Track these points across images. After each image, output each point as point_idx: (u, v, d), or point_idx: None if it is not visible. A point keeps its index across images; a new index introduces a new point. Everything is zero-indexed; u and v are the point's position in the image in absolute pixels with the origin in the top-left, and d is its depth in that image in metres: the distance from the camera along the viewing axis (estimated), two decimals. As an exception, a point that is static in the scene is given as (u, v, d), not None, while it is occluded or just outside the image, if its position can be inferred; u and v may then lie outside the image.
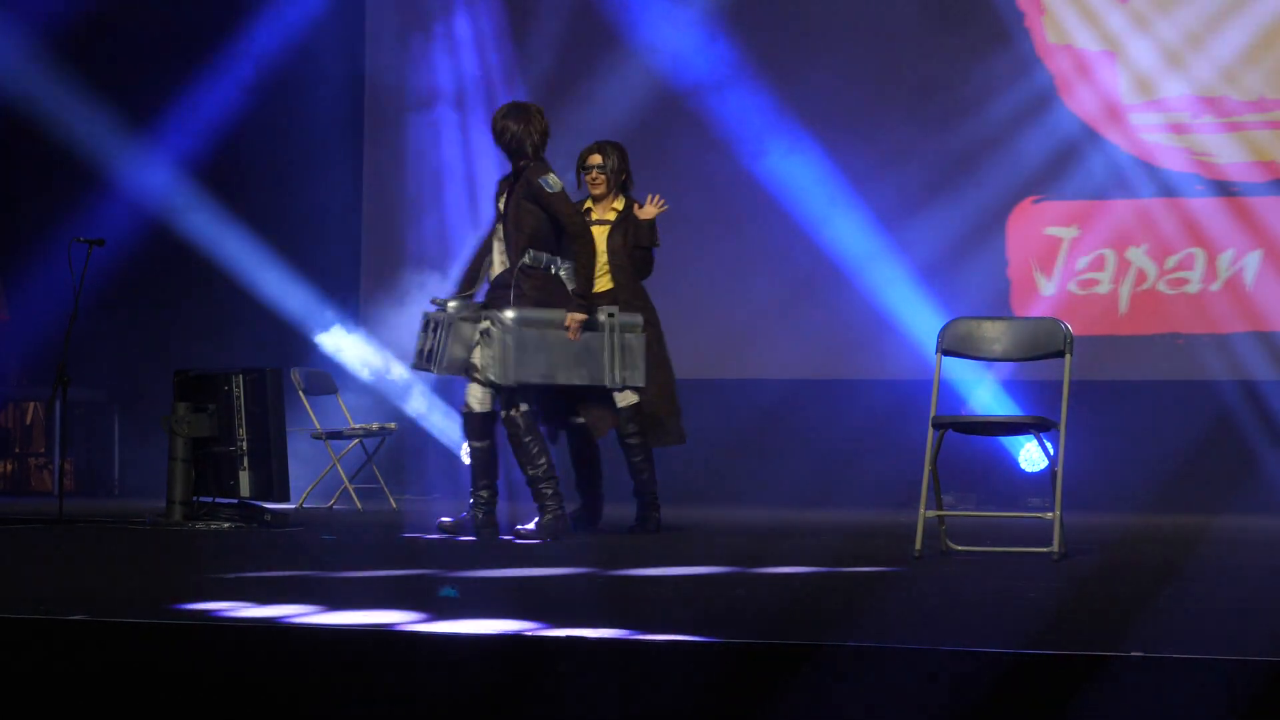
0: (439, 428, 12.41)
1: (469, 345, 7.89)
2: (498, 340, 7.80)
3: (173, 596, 5.04)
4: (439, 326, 7.90)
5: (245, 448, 8.79)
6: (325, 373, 11.63)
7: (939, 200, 11.96)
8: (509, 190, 8.06)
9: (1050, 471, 7.03)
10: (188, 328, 13.16)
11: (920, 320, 11.55)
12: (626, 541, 7.98)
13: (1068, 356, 6.94)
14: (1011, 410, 11.35)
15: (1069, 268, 11.89)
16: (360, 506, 10.82)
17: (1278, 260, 11.56)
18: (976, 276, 11.93)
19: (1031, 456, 11.59)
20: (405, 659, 3.97)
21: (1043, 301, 11.85)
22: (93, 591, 5.38)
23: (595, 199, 8.52)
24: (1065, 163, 11.87)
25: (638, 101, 12.06)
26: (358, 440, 11.06)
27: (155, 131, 12.72)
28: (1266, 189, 11.59)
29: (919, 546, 6.73)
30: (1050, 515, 6.79)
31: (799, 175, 12.04)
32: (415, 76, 12.90)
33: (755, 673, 3.80)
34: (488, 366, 7.82)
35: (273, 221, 12.79)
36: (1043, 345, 7.03)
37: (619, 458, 8.49)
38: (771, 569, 6.49)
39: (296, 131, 12.98)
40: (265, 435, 8.80)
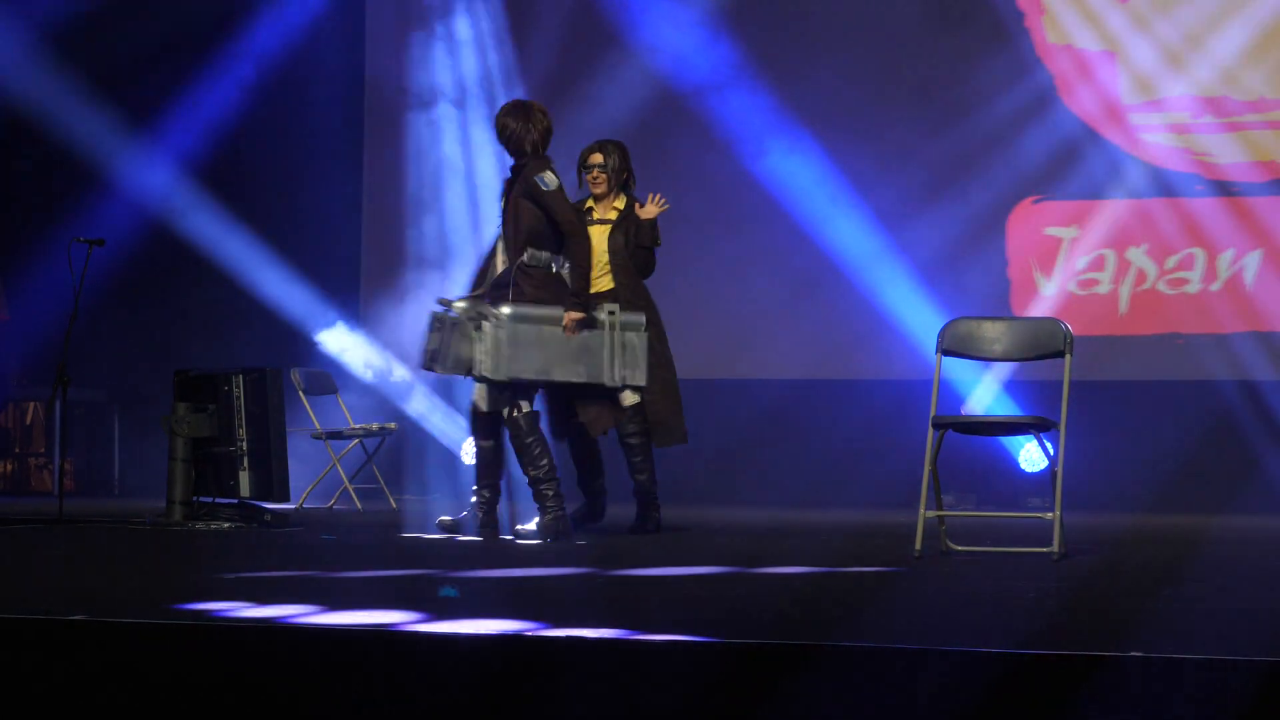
0: (439, 428, 12.41)
1: (474, 345, 7.89)
2: (490, 335, 7.79)
3: (173, 596, 5.04)
4: (445, 326, 7.90)
5: (245, 448, 8.79)
6: (325, 373, 11.63)
7: (939, 200, 11.95)
8: (509, 189, 8.06)
9: (1050, 471, 7.03)
10: (188, 328, 13.16)
11: (920, 320, 11.55)
12: (626, 541, 7.97)
13: (1068, 356, 6.94)
14: (1011, 410, 11.35)
15: (1069, 268, 11.89)
16: (360, 506, 10.82)
17: (1278, 260, 11.56)
18: (976, 276, 11.93)
19: (1031, 456, 11.59)
20: (405, 659, 3.97)
21: (1043, 301, 11.85)
22: (93, 591, 5.37)
23: (596, 198, 8.50)
24: (1065, 163, 11.87)
25: (638, 102, 12.05)
26: (358, 440, 11.06)
27: (155, 131, 12.72)
28: (1266, 189, 11.59)
29: (919, 546, 6.73)
30: (1050, 515, 6.79)
31: (799, 175, 12.04)
32: (415, 76, 12.89)
33: (755, 673, 3.80)
34: (481, 361, 7.82)
35: (273, 221, 12.79)
36: (1043, 345, 7.03)
37: (619, 458, 8.48)
38: (771, 569, 6.49)
39: (297, 131, 12.98)
40: (265, 435, 8.80)
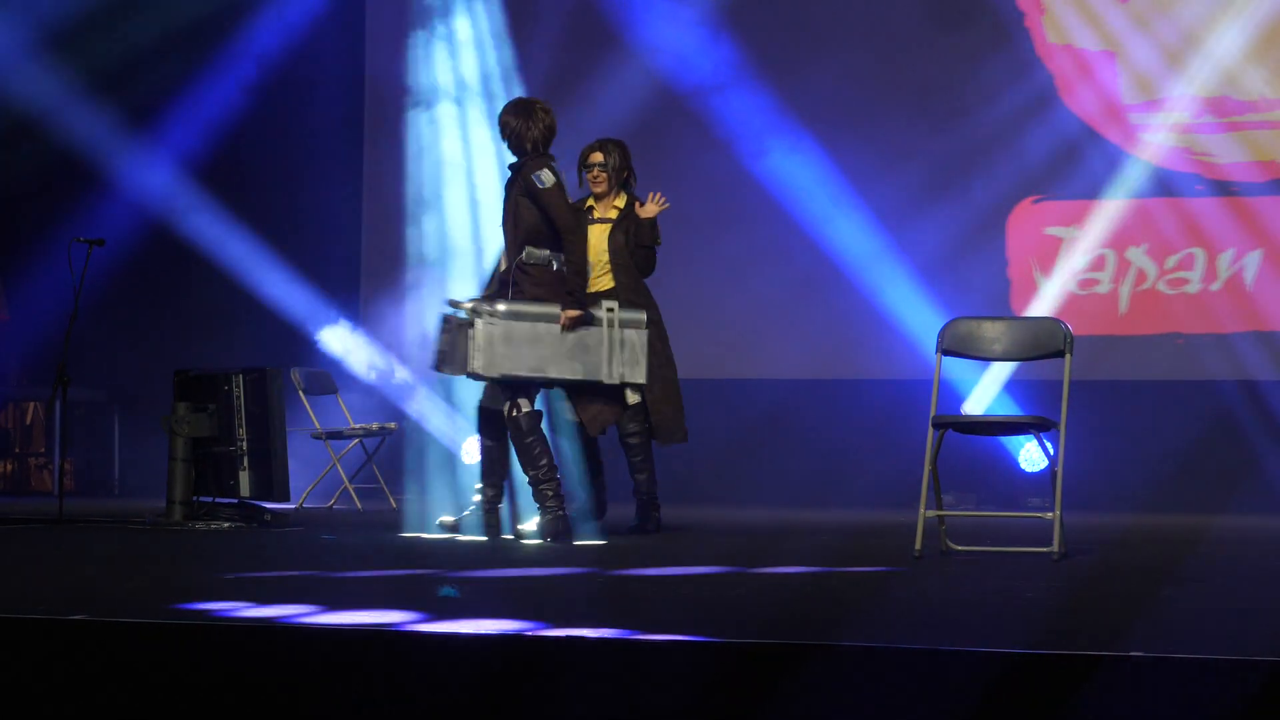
0: (439, 428, 12.41)
1: (470, 343, 7.87)
2: (482, 331, 7.77)
3: (173, 596, 5.04)
4: (453, 327, 7.87)
5: (245, 448, 8.79)
6: (325, 373, 11.63)
7: (939, 200, 11.95)
8: (509, 187, 8.05)
9: (1050, 471, 7.02)
10: (188, 328, 13.15)
11: (920, 320, 11.55)
12: (626, 541, 7.97)
13: (1068, 356, 6.94)
14: (1011, 410, 11.35)
15: (1069, 267, 11.89)
16: (360, 506, 10.82)
17: (1278, 260, 11.56)
18: (976, 276, 11.93)
19: (1031, 456, 11.59)
20: (405, 659, 3.97)
21: (1043, 301, 11.85)
22: (93, 591, 5.37)
23: (597, 197, 8.50)
24: (1065, 163, 11.86)
25: (638, 101, 12.05)
26: (358, 440, 11.06)
27: (155, 131, 12.72)
28: (1266, 189, 11.59)
29: (919, 546, 6.73)
30: (1050, 515, 6.79)
31: (799, 175, 12.04)
32: (416, 76, 12.88)
33: (755, 673, 3.80)
34: (473, 358, 7.79)
35: (273, 221, 12.79)
36: (1043, 345, 7.03)
37: (619, 457, 8.48)
38: (771, 569, 6.49)
39: (297, 131, 12.98)
40: (265, 435, 8.80)
